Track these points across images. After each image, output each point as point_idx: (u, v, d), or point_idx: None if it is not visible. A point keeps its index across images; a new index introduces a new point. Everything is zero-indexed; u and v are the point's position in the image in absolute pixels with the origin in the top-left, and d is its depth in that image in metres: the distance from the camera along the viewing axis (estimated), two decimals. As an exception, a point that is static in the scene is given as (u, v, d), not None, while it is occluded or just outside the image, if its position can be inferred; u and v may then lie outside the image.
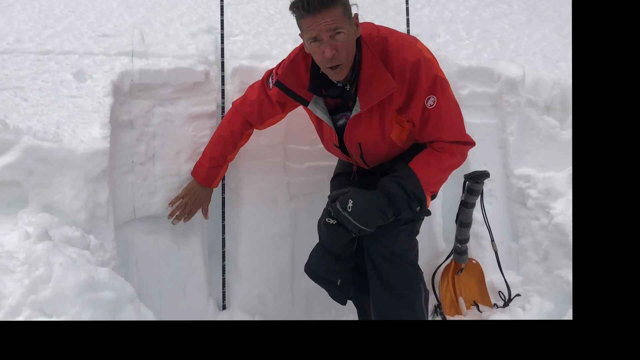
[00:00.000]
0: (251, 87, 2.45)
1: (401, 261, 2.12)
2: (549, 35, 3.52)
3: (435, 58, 2.20)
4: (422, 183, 2.06)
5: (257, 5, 3.38)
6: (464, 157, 2.22)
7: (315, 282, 2.27)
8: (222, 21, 2.58)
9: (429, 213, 2.25)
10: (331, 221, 2.09)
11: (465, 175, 2.72)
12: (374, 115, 2.09)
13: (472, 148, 3.01)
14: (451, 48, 3.19)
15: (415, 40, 2.17)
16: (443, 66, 2.98)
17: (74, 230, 1.83)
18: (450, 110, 2.12)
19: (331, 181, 2.53)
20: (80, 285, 1.28)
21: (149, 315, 1.47)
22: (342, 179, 2.46)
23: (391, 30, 2.18)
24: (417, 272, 2.20)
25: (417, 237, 2.29)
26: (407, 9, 3.25)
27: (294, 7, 1.97)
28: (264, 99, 2.35)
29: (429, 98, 2.04)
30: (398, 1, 3.63)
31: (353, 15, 2.02)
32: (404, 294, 2.13)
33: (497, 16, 3.70)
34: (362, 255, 2.18)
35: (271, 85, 2.31)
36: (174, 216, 2.46)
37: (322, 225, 2.16)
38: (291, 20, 3.23)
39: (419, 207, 2.08)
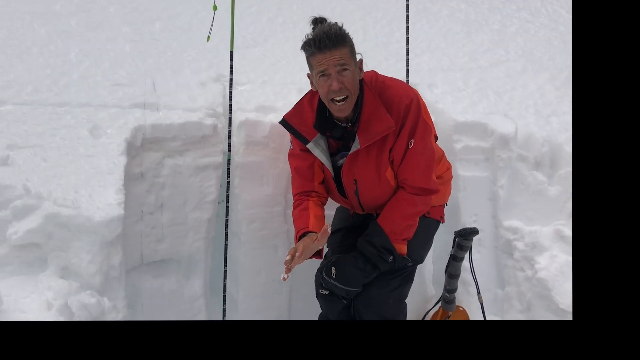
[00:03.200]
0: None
1: None
2: (543, 85, 3.65)
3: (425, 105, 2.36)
4: (389, 235, 2.27)
5: (264, 50, 3.51)
6: (426, 205, 2.37)
7: None
8: (230, 93, 2.73)
9: (414, 261, 2.41)
10: (324, 292, 2.29)
11: (455, 232, 2.88)
12: (371, 152, 2.25)
13: (464, 198, 3.23)
14: (448, 100, 3.32)
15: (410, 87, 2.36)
16: (440, 120, 3.18)
17: (90, 297, 1.98)
18: (424, 155, 2.27)
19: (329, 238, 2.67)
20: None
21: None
22: (338, 236, 2.61)
23: (390, 77, 2.36)
24: None
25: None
26: (408, 60, 3.39)
27: (306, 46, 2.15)
28: (297, 161, 2.43)
29: (411, 141, 2.22)
30: (399, 46, 3.77)
31: (358, 60, 2.21)
32: None
33: (494, 63, 3.83)
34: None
35: (291, 145, 2.46)
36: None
37: (318, 296, 2.33)
38: (295, 67, 3.41)
39: (391, 257, 2.27)
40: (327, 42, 2.08)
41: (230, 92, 2.77)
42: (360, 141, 2.22)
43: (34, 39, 3.18)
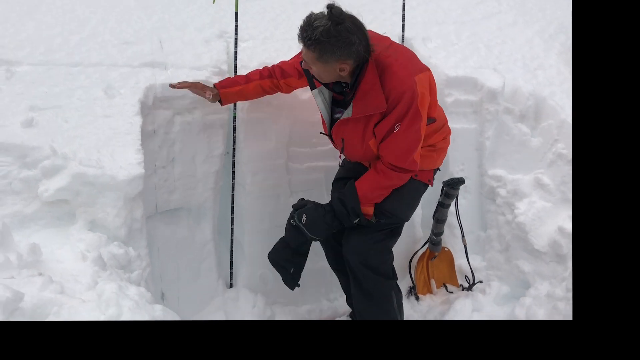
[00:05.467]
0: None
1: (375, 274, 2.61)
2: (532, 38, 3.79)
3: (426, 92, 2.43)
4: (361, 199, 2.51)
5: (264, 3, 3.60)
6: (402, 180, 2.56)
7: (274, 267, 2.71)
8: (235, 53, 2.88)
9: (400, 220, 2.68)
10: (294, 223, 2.57)
11: (443, 181, 3.14)
12: (360, 122, 2.46)
13: (453, 149, 3.45)
14: (441, 55, 3.47)
15: (416, 71, 2.40)
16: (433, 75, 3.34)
17: (118, 248, 2.24)
18: (406, 139, 2.42)
19: (333, 183, 2.89)
20: (143, 320, 1.71)
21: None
22: (340, 184, 2.83)
23: (397, 57, 2.42)
24: (389, 283, 2.69)
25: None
26: (404, 15, 3.51)
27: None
28: (294, 63, 2.70)
29: (398, 125, 2.38)
30: (395, -2, 3.85)
31: (339, 63, 2.29)
32: (376, 299, 2.66)
33: (487, 16, 3.94)
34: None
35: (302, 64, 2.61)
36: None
37: (287, 223, 2.63)
38: (295, 22, 3.50)
39: (357, 219, 2.54)
40: (300, 37, 2.29)
41: (235, 52, 2.93)
42: (353, 110, 2.43)
43: (41, -5, 3.26)
